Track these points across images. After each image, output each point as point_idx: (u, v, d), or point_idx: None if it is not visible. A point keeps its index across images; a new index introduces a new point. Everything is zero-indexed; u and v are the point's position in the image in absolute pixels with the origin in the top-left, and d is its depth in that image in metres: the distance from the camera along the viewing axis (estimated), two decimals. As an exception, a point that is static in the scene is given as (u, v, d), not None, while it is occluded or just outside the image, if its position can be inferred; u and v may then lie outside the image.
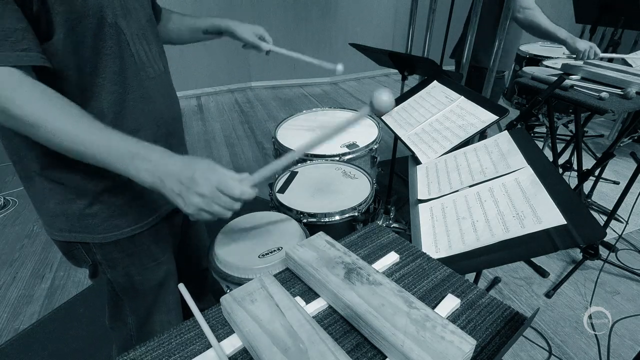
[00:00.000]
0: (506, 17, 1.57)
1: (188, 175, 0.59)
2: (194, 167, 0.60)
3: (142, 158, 0.59)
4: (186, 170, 0.59)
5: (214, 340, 0.49)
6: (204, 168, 0.61)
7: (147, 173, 0.59)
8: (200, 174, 0.59)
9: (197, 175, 0.59)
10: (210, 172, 0.60)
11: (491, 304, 0.53)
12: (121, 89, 0.68)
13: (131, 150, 0.59)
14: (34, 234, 2.11)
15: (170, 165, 0.60)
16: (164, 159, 0.60)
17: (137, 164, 0.59)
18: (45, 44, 0.58)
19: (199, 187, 0.59)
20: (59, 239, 0.76)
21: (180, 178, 0.59)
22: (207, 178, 0.60)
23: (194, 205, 0.60)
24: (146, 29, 0.73)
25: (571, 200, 0.66)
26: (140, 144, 0.60)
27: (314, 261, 0.58)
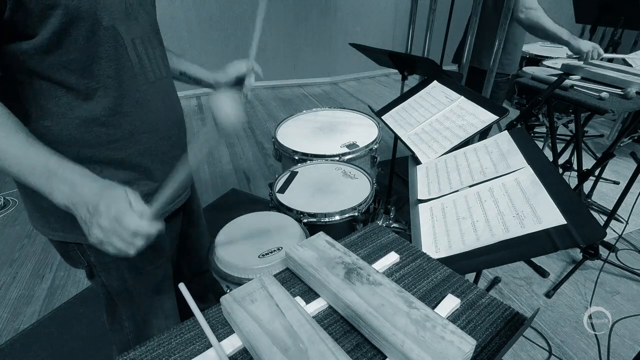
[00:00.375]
0: (506, 17, 1.57)
1: (94, 202, 0.56)
2: (102, 195, 0.57)
3: (60, 178, 0.56)
4: (95, 198, 0.56)
5: (214, 340, 0.49)
6: (111, 197, 0.57)
7: (61, 194, 0.57)
8: (104, 204, 0.56)
9: (101, 205, 0.55)
10: (114, 202, 0.56)
11: (491, 304, 0.53)
12: (116, 92, 0.67)
13: (50, 168, 0.56)
14: (34, 234, 2.11)
15: (85, 190, 0.57)
16: (82, 183, 0.57)
17: (52, 183, 0.56)
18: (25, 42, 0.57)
19: (100, 218, 0.55)
20: (54, 238, 0.76)
21: (88, 205, 0.56)
22: (108, 208, 0.55)
23: (94, 236, 0.57)
24: (149, 34, 0.72)
25: (571, 200, 0.66)
26: (62, 164, 0.57)
27: (314, 261, 0.58)
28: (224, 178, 2.68)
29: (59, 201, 0.57)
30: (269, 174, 2.72)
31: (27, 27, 0.56)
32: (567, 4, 2.35)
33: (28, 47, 0.57)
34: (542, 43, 2.54)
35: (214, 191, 2.50)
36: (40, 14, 0.55)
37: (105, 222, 0.55)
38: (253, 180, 2.65)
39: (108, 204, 0.56)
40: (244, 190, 2.53)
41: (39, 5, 0.54)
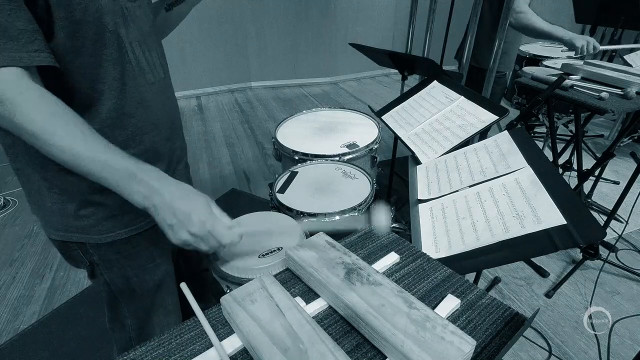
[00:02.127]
0: (506, 17, 1.57)
1: (185, 211, 0.60)
2: (191, 204, 0.61)
3: (139, 181, 0.59)
4: (183, 206, 0.60)
5: (215, 340, 0.49)
6: (201, 208, 0.61)
7: (141, 196, 0.59)
8: (196, 215, 0.60)
9: (193, 216, 0.60)
10: (206, 214, 0.61)
11: (491, 305, 0.53)
12: (120, 94, 0.68)
13: (129, 170, 0.58)
14: (34, 234, 2.11)
15: (167, 194, 0.60)
16: (162, 186, 0.60)
17: (132, 185, 0.59)
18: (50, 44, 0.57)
19: (192, 227, 0.60)
20: (56, 238, 0.76)
21: (175, 212, 0.60)
22: (202, 221, 0.61)
23: (182, 239, 0.61)
24: (148, 36, 0.73)
25: (571, 200, 0.66)
26: (139, 166, 0.60)
27: (314, 261, 0.58)
28: (224, 178, 2.68)
29: (139, 202, 0.60)
30: (269, 174, 2.72)
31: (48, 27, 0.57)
32: (567, 4, 2.35)
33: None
34: (542, 43, 2.54)
35: (214, 191, 2.50)
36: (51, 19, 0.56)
37: (199, 230, 0.60)
38: (253, 180, 2.65)
39: (200, 216, 0.61)
40: (244, 190, 2.53)
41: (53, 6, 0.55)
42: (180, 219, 0.60)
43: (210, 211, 0.63)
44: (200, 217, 0.61)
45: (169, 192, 0.60)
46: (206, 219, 0.61)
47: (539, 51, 2.31)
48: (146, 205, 0.60)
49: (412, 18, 2.25)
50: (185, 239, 0.61)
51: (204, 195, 0.64)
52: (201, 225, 0.60)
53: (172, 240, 0.62)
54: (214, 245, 0.63)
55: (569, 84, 1.39)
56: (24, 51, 0.52)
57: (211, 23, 3.93)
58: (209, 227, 0.61)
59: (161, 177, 0.62)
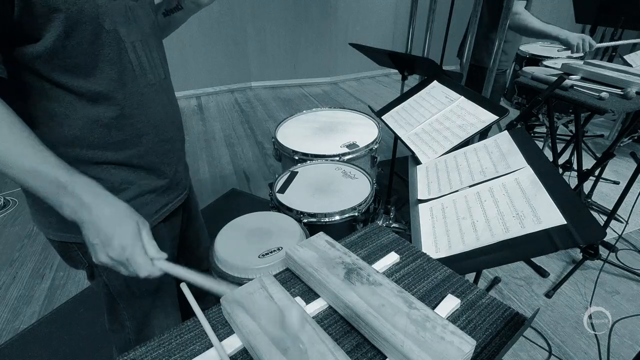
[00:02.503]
0: (506, 17, 1.57)
1: (107, 233, 0.58)
2: (117, 228, 0.58)
3: (70, 194, 0.56)
4: (108, 228, 0.58)
5: (215, 340, 0.49)
6: (125, 234, 0.59)
7: (69, 209, 0.57)
8: (118, 239, 0.58)
9: (114, 240, 0.58)
10: (128, 241, 0.59)
11: (491, 305, 0.53)
12: (119, 95, 0.67)
13: (59, 181, 0.56)
14: (34, 234, 2.11)
15: (94, 211, 0.57)
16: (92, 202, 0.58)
17: (62, 198, 0.56)
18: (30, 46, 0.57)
19: (111, 251, 0.58)
20: (55, 238, 0.76)
21: (99, 232, 0.58)
22: (122, 247, 0.58)
23: (100, 261, 0.60)
24: (149, 36, 0.72)
25: (571, 200, 0.66)
26: (72, 177, 0.57)
27: (314, 261, 0.58)
28: (224, 178, 2.68)
29: (68, 215, 0.58)
30: (269, 174, 2.72)
31: (32, 29, 0.56)
32: (567, 4, 2.35)
33: (33, 50, 0.57)
34: (541, 43, 2.54)
35: (214, 191, 2.50)
36: (44, 17, 0.55)
37: (117, 255, 0.58)
38: (253, 180, 2.65)
39: (122, 242, 0.58)
40: (244, 190, 2.53)
41: (43, 9, 0.55)
42: (102, 240, 0.58)
43: (136, 238, 0.60)
44: (122, 242, 0.58)
45: (98, 210, 0.58)
46: (127, 245, 0.58)
47: (539, 51, 2.31)
48: (74, 218, 0.58)
49: (412, 18, 2.25)
50: (104, 261, 0.59)
51: (137, 219, 0.61)
52: (120, 251, 0.58)
53: (93, 259, 0.60)
54: (132, 273, 0.61)
55: (569, 84, 1.39)
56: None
57: (211, 23, 3.93)
58: (127, 255, 0.59)
59: (95, 192, 0.59)
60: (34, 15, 0.55)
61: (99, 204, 0.58)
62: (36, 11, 0.55)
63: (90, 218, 0.57)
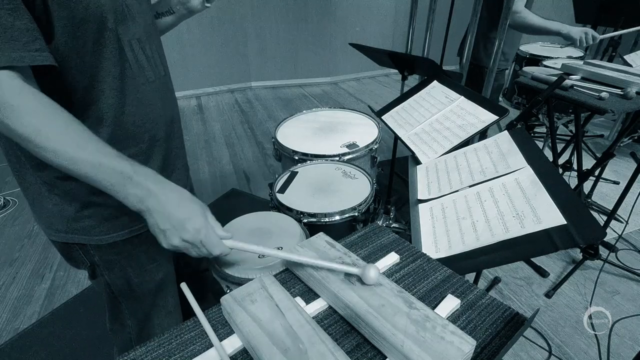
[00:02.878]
0: (506, 17, 1.57)
1: (179, 218, 0.60)
2: (186, 212, 0.61)
3: (135, 183, 0.58)
4: (179, 212, 0.60)
5: (215, 340, 0.49)
6: (197, 217, 0.62)
7: (136, 199, 0.59)
8: (191, 223, 0.61)
9: (188, 223, 0.60)
10: (200, 223, 0.62)
11: (491, 305, 0.53)
12: (120, 93, 0.68)
13: (124, 172, 0.58)
14: (34, 234, 2.11)
15: (162, 198, 0.60)
16: (158, 190, 0.60)
17: (128, 189, 0.58)
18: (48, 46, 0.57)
19: (185, 234, 0.60)
20: (57, 239, 0.76)
21: (170, 218, 0.60)
22: (196, 230, 0.61)
23: (173, 245, 0.61)
24: (147, 33, 0.73)
25: (571, 200, 0.66)
26: (135, 168, 0.59)
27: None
28: (224, 178, 2.68)
29: (134, 205, 0.60)
30: (269, 174, 2.72)
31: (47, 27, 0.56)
32: (567, 4, 2.35)
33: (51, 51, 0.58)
34: (542, 43, 2.54)
35: (214, 191, 2.50)
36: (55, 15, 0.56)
37: (191, 238, 0.61)
38: (253, 180, 2.65)
39: (194, 224, 0.61)
40: (244, 190, 2.53)
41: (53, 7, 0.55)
42: (174, 224, 0.60)
43: (206, 220, 0.63)
44: (195, 225, 0.61)
45: (165, 196, 0.60)
46: (200, 227, 0.61)
47: (539, 51, 2.31)
48: (140, 207, 0.60)
49: (412, 18, 2.24)
50: (177, 244, 0.61)
51: (200, 203, 0.64)
52: (195, 234, 0.61)
53: (163, 244, 0.62)
54: (203, 254, 0.63)
55: (569, 84, 1.39)
56: (25, 50, 0.52)
57: (211, 23, 3.93)
58: (202, 237, 0.61)
59: (158, 180, 0.61)
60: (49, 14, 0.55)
61: (165, 191, 0.61)
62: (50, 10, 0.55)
63: (159, 204, 0.59)
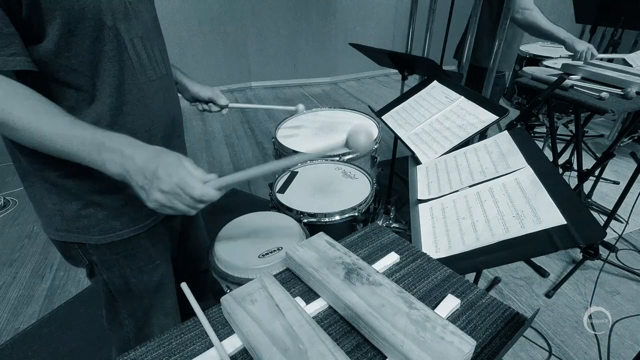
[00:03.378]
0: (506, 17, 1.57)
1: (152, 169, 0.58)
2: (158, 161, 0.58)
3: (109, 149, 0.58)
4: (151, 164, 0.58)
5: (215, 340, 0.49)
6: (168, 163, 0.59)
7: (113, 164, 0.58)
8: (163, 169, 0.58)
9: (160, 171, 0.57)
10: (173, 168, 0.58)
11: (491, 305, 0.53)
12: (119, 91, 0.68)
13: (98, 140, 0.57)
14: (34, 234, 2.11)
15: (137, 157, 0.58)
16: (132, 150, 0.59)
17: (103, 155, 0.58)
18: (36, 47, 0.57)
19: (160, 183, 0.58)
20: (56, 238, 0.76)
21: (144, 171, 0.58)
22: (169, 174, 0.58)
23: (155, 200, 0.59)
24: (150, 32, 0.72)
25: (571, 200, 0.66)
26: (108, 135, 0.59)
27: (314, 261, 0.58)
28: (224, 178, 2.68)
29: (113, 171, 0.58)
30: (269, 174, 2.72)
31: (38, 28, 0.56)
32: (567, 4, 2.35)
33: (39, 50, 0.58)
34: (542, 43, 2.54)
35: (214, 191, 2.50)
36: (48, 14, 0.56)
37: (167, 186, 0.58)
38: (253, 181, 2.65)
39: (167, 170, 0.58)
40: (244, 190, 2.53)
41: (48, 5, 0.55)
42: (149, 178, 0.58)
43: (180, 165, 0.60)
44: (167, 170, 0.58)
45: (139, 155, 0.58)
46: (172, 172, 0.58)
47: (539, 51, 2.31)
48: (121, 172, 0.58)
49: (412, 18, 2.25)
50: (157, 198, 0.58)
51: (175, 153, 0.61)
52: (168, 179, 0.57)
53: (148, 204, 0.60)
54: (188, 202, 0.60)
55: (569, 84, 1.39)
56: None
57: (211, 23, 3.93)
58: (176, 180, 0.58)
59: (131, 142, 0.60)
60: (40, 13, 0.55)
61: (139, 151, 0.59)
62: (42, 8, 0.55)
63: (134, 164, 0.58)
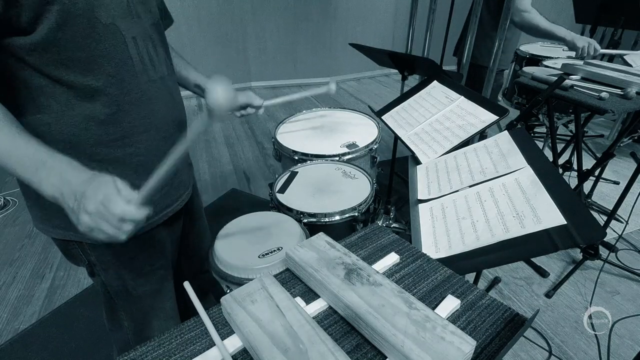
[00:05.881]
0: (506, 17, 1.57)
1: (82, 190, 0.55)
2: (91, 183, 0.56)
3: (49, 169, 0.56)
4: (82, 186, 0.56)
5: (217, 339, 0.49)
6: (97, 184, 0.56)
7: (49, 185, 0.56)
8: (91, 190, 0.55)
9: (88, 191, 0.55)
10: (100, 189, 0.56)
11: (491, 305, 0.53)
12: (117, 90, 0.67)
13: (38, 159, 0.56)
14: (34, 234, 2.11)
15: (72, 179, 0.56)
16: (71, 173, 0.57)
17: (41, 174, 0.56)
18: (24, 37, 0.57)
19: (87, 203, 0.55)
20: (55, 236, 0.76)
21: (75, 193, 0.56)
22: (95, 194, 0.55)
23: (84, 223, 0.56)
24: (152, 32, 0.72)
25: (571, 200, 0.66)
26: (51, 155, 0.57)
27: (314, 262, 0.58)
28: (224, 178, 2.68)
29: (48, 192, 0.57)
30: (269, 174, 2.72)
31: (23, 22, 0.56)
32: (567, 4, 2.35)
33: (25, 43, 0.57)
34: (542, 43, 2.54)
35: (214, 191, 2.50)
36: (36, 10, 0.55)
37: (92, 206, 0.54)
38: (253, 180, 2.65)
39: (95, 189, 0.55)
40: (244, 190, 2.53)
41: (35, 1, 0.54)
42: (78, 199, 0.56)
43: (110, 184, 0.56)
44: (94, 190, 0.55)
45: (76, 177, 0.57)
46: (100, 190, 0.55)
47: (539, 51, 2.31)
48: (54, 193, 0.56)
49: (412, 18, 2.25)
50: (85, 220, 0.55)
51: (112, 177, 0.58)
52: (94, 199, 0.55)
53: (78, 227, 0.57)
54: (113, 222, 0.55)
55: (569, 84, 1.39)
56: None
57: (211, 23, 3.92)
58: (100, 198, 0.55)
59: (75, 166, 0.58)
60: (24, 9, 0.54)
61: (77, 174, 0.57)
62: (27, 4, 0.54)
63: (69, 186, 0.56)
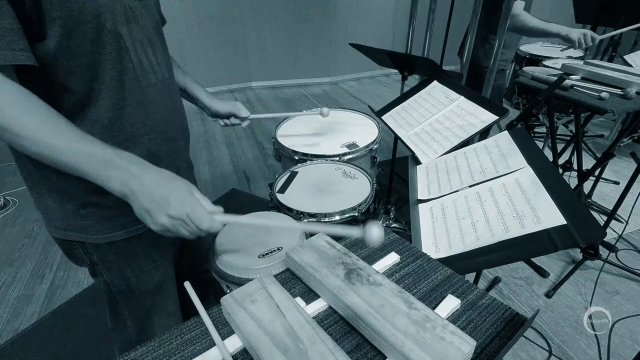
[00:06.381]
0: (506, 17, 1.57)
1: (163, 195, 0.58)
2: (170, 187, 0.59)
3: (117, 167, 0.58)
4: (162, 190, 0.59)
5: (217, 339, 0.49)
6: (181, 191, 0.60)
7: (118, 182, 0.58)
8: (175, 197, 0.59)
9: (172, 198, 0.58)
10: (185, 198, 0.60)
11: (491, 305, 0.53)
12: (119, 94, 0.68)
13: (106, 157, 0.57)
14: (34, 234, 2.11)
15: (146, 179, 0.58)
16: (141, 171, 0.59)
17: (110, 172, 0.57)
18: (36, 45, 0.57)
19: (171, 210, 0.58)
20: (57, 236, 0.76)
21: (153, 195, 0.58)
22: (181, 203, 0.59)
23: (161, 224, 0.59)
24: (152, 35, 0.72)
25: (571, 200, 0.66)
26: (118, 153, 0.59)
27: (314, 262, 0.58)
28: (224, 178, 2.68)
29: (116, 188, 0.58)
30: (269, 174, 2.72)
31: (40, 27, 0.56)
32: (567, 4, 2.35)
33: (41, 50, 0.58)
34: (542, 43, 2.54)
35: (214, 191, 2.50)
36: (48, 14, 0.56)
37: (177, 213, 0.59)
38: (253, 180, 2.65)
39: (179, 198, 0.59)
40: (244, 190, 2.53)
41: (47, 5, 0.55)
42: (159, 202, 0.58)
43: (191, 194, 0.61)
44: (179, 199, 0.59)
45: (148, 177, 0.59)
46: (185, 201, 0.59)
47: (539, 51, 2.31)
48: (124, 191, 0.58)
49: (412, 18, 2.25)
50: (164, 222, 0.59)
51: (186, 180, 0.63)
52: (180, 208, 0.59)
53: (150, 225, 0.60)
54: (193, 230, 0.61)
55: (569, 84, 1.39)
56: (9, 49, 0.53)
57: (211, 23, 3.93)
58: (187, 210, 0.59)
59: (140, 162, 0.60)
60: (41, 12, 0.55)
61: (147, 172, 0.60)
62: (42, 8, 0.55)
63: (142, 185, 0.58)
